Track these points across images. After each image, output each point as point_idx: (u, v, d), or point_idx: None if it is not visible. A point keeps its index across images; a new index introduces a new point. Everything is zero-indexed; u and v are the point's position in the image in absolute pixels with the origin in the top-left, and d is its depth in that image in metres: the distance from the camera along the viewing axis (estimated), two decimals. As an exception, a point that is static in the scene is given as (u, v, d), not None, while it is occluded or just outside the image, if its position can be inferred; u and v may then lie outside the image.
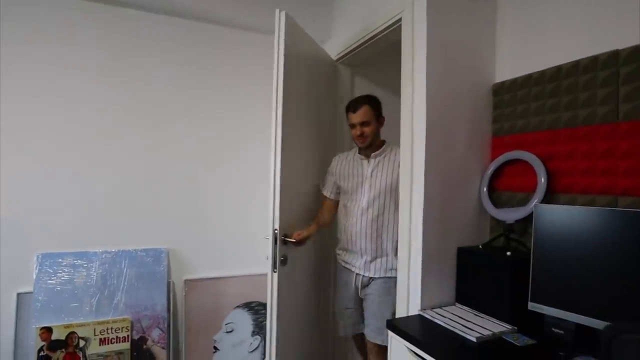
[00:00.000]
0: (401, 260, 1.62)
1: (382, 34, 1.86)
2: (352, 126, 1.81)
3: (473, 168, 1.66)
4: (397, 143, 1.71)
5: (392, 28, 1.78)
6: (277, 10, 1.69)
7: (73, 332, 1.80)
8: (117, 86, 2.02)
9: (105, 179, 2.00)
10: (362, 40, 1.99)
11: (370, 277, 1.78)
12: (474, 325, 1.33)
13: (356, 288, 1.83)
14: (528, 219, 1.44)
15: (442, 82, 1.56)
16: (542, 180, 1.41)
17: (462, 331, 1.28)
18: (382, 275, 1.76)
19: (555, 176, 1.41)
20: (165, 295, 2.01)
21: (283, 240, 1.69)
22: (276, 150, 1.65)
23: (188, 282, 2.14)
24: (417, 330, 1.36)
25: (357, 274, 1.82)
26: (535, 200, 1.41)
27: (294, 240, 1.73)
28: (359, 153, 1.89)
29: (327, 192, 2.01)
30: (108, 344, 1.85)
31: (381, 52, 2.11)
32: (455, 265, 1.59)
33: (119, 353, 1.86)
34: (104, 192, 1.99)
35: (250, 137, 2.33)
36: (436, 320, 1.40)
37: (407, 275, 1.58)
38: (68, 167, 1.92)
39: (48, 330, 1.77)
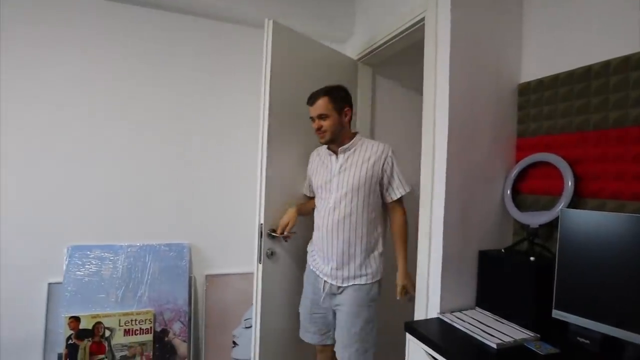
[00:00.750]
0: (420, 261, 1.61)
1: (405, 33, 1.84)
2: (312, 120, 1.67)
3: (496, 169, 1.62)
4: (376, 136, 1.69)
5: (414, 27, 1.76)
6: (266, 20, 1.74)
7: (99, 322, 1.87)
8: (142, 84, 2.08)
9: (131, 176, 2.06)
10: (383, 40, 1.98)
11: (339, 286, 1.63)
12: (494, 331, 1.30)
13: (326, 295, 1.67)
14: (553, 224, 1.41)
15: (466, 81, 1.54)
16: (569, 183, 1.37)
17: (482, 337, 1.26)
18: (351, 284, 1.61)
19: (582, 180, 1.37)
20: (186, 290, 2.06)
21: (269, 234, 1.75)
22: (263, 148, 1.74)
23: (209, 278, 2.18)
24: (435, 334, 1.35)
25: (325, 281, 1.67)
26: (562, 205, 1.37)
27: (280, 234, 1.73)
28: (328, 148, 1.73)
29: (307, 192, 1.89)
30: (132, 334, 1.91)
31: (403, 50, 2.09)
32: (476, 268, 1.56)
33: (142, 344, 1.92)
34: (130, 188, 2.06)
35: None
36: (455, 324, 1.38)
37: (426, 276, 1.56)
38: (97, 164, 1.99)
39: (76, 319, 1.84)
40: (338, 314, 1.64)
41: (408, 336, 1.44)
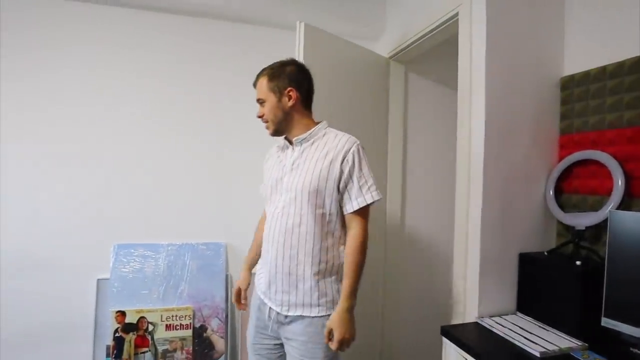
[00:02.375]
0: (456, 263, 1.57)
1: (438, 29, 1.80)
2: None
3: (537, 168, 1.55)
4: (345, 127, 1.38)
5: (448, 22, 1.71)
6: (298, 22, 1.73)
7: (143, 317, 1.97)
8: (178, 87, 2.15)
9: (172, 178, 2.15)
10: (416, 36, 1.94)
11: (285, 315, 1.28)
12: (537, 338, 1.24)
13: (273, 324, 1.32)
14: (601, 226, 1.33)
15: (504, 76, 1.48)
16: (619, 183, 1.28)
17: (524, 344, 1.21)
18: (299, 313, 1.25)
19: (634, 179, 1.28)
20: (223, 287, 2.12)
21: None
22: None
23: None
24: (474, 339, 1.31)
25: (270, 307, 1.32)
26: (611, 205, 1.28)
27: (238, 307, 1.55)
28: (285, 139, 1.39)
29: (262, 190, 1.53)
30: (173, 330, 1.99)
31: (436, 46, 2.04)
32: (517, 271, 1.50)
33: (182, 339, 2.00)
34: (170, 189, 2.14)
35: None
36: (495, 330, 1.33)
37: (463, 279, 1.52)
38: (139, 166, 2.10)
39: (122, 314, 1.95)
40: (289, 348, 1.30)
41: (445, 340, 1.41)
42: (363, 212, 1.26)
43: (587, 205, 1.43)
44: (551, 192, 1.51)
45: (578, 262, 1.29)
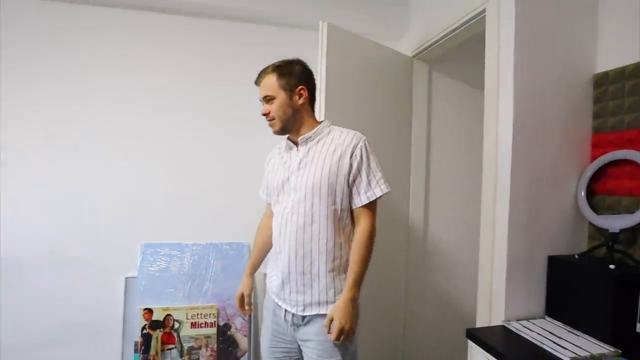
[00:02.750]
0: (482, 265, 1.54)
1: (464, 26, 1.76)
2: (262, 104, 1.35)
3: (568, 169, 1.50)
4: (346, 124, 1.38)
5: (474, 19, 1.67)
6: (321, 22, 1.72)
7: (169, 315, 2.01)
8: (201, 89, 2.19)
9: (197, 179, 2.19)
10: (440, 34, 1.91)
11: (303, 316, 1.28)
12: (567, 344, 1.21)
13: (290, 326, 1.31)
14: (637, 228, 1.28)
15: (533, 73, 1.44)
16: (657, 184, 1.23)
17: (554, 349, 1.18)
18: (315, 313, 1.25)
19: (674, 180, 1.22)
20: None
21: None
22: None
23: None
24: (501, 343, 1.28)
25: (285, 309, 1.32)
26: (648, 208, 1.23)
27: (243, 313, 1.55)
28: (288, 139, 1.39)
29: (262, 193, 1.60)
30: (198, 327, 2.04)
31: (462, 44, 2.00)
32: (546, 274, 1.46)
33: (207, 337, 2.04)
34: (195, 190, 2.19)
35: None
36: (523, 334, 1.30)
37: (489, 281, 1.49)
38: (164, 168, 2.15)
39: (149, 311, 2.00)
40: (306, 351, 1.29)
41: (470, 343, 1.39)
42: (372, 206, 1.28)
43: (622, 206, 1.38)
44: (583, 193, 1.47)
45: (612, 266, 1.25)
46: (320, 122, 1.35)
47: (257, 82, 1.34)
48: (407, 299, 2.25)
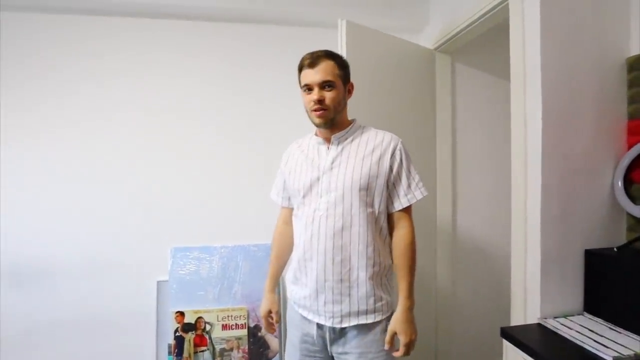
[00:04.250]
0: (515, 261, 1.49)
1: (487, 15, 1.71)
2: (307, 90, 1.22)
3: (602, 158, 1.44)
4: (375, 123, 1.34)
5: (498, 7, 1.62)
6: (339, 20, 1.71)
7: (200, 317, 2.06)
8: (226, 91, 2.22)
9: (222, 182, 2.23)
10: (463, 25, 1.87)
11: (339, 328, 1.20)
12: (608, 342, 1.16)
13: (322, 341, 1.24)
14: (682, 219, 1.21)
15: (561, 60, 1.38)
16: (702, 171, 1.16)
17: (595, 347, 1.13)
18: (354, 324, 1.18)
19: None
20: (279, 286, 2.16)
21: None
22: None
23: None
24: (538, 342, 1.24)
25: (318, 324, 1.22)
26: (693, 196, 1.16)
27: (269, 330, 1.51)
28: (317, 135, 1.31)
29: (277, 196, 1.47)
30: (229, 329, 2.07)
31: (485, 34, 1.95)
32: (583, 269, 1.40)
33: (238, 338, 2.07)
34: (220, 193, 2.23)
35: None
36: (560, 332, 1.25)
37: (522, 278, 1.45)
38: (191, 172, 2.20)
39: (181, 314, 2.05)
40: None
41: (505, 343, 1.35)
42: (410, 210, 1.26)
43: (663, 196, 1.31)
44: (620, 183, 1.40)
45: (655, 259, 1.19)
46: (352, 121, 1.30)
47: (314, 64, 1.19)
48: (437, 297, 2.21)
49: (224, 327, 2.06)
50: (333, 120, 1.22)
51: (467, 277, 2.31)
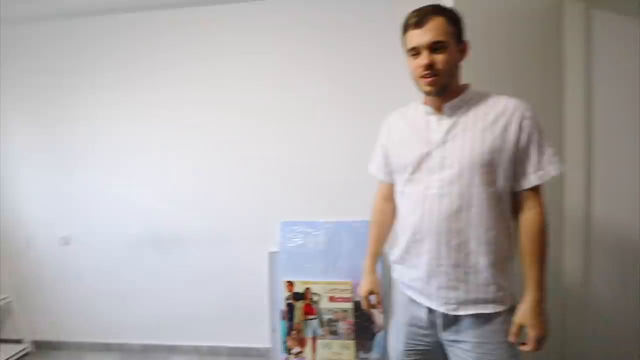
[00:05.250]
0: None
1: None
2: (414, 53, 1.07)
3: None
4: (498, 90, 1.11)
5: None
6: None
7: (308, 288, 2.15)
8: (315, 73, 2.29)
9: (327, 159, 2.33)
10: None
11: (454, 315, 1.12)
12: None
13: (432, 325, 1.17)
14: None
15: None
16: None
17: None
18: (471, 312, 1.09)
19: None
20: (380, 265, 2.14)
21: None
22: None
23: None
24: None
25: (428, 308, 1.15)
26: None
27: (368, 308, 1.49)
28: (425, 104, 1.16)
29: (377, 171, 1.35)
30: (335, 301, 2.13)
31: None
32: None
33: (344, 311, 2.12)
34: (325, 169, 2.34)
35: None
36: None
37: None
38: (300, 151, 2.35)
39: (291, 283, 2.17)
40: (455, 351, 1.14)
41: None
42: (541, 189, 1.10)
43: None
44: None
45: None
46: (467, 86, 1.15)
47: (421, 23, 1.04)
48: (564, 294, 1.93)
49: (331, 299, 2.13)
50: (445, 87, 1.09)
51: (604, 275, 1.89)
